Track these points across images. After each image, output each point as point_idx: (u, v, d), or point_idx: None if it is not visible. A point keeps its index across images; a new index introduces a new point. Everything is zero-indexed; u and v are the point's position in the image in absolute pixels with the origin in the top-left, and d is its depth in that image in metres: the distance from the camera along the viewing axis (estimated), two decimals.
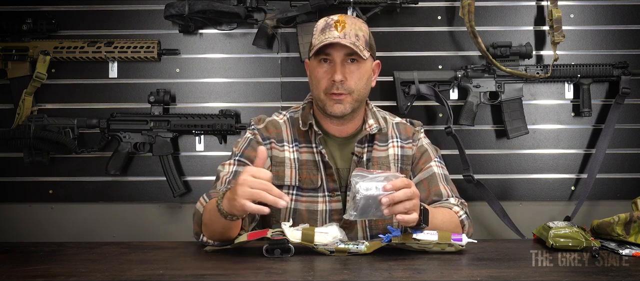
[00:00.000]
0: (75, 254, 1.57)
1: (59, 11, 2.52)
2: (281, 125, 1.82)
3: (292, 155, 1.78)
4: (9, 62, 2.48)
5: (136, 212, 2.55)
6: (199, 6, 2.41)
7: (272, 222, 1.76)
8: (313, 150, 1.78)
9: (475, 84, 2.48)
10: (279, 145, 1.79)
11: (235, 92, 2.55)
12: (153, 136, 2.48)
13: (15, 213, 2.54)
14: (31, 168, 2.50)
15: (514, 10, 2.55)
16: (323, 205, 1.76)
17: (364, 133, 1.79)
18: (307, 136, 1.79)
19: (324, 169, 1.76)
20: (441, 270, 1.36)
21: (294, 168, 1.77)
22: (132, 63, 2.53)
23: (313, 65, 1.75)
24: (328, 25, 1.71)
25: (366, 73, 1.75)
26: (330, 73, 1.71)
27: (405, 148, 1.84)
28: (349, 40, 1.69)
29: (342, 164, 1.79)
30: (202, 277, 1.29)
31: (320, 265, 1.40)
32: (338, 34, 1.69)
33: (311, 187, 1.76)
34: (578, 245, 1.54)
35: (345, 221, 1.73)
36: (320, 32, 1.72)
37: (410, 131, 1.87)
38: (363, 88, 1.75)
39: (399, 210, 1.46)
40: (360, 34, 1.72)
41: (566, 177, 2.55)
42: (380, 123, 1.82)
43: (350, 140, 1.80)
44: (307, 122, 1.78)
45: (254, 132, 1.81)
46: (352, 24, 1.72)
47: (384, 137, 1.83)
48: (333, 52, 1.71)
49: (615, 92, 2.49)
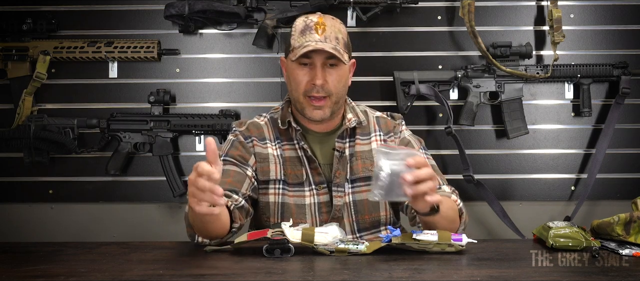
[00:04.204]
0: (75, 254, 1.56)
1: (59, 11, 2.52)
2: (263, 126, 1.83)
3: (276, 152, 1.79)
4: (9, 62, 2.48)
5: (136, 212, 2.55)
6: (199, 6, 2.41)
7: (263, 219, 1.78)
8: (295, 146, 1.79)
9: (475, 84, 2.48)
10: (261, 142, 1.80)
11: (235, 92, 2.55)
12: (153, 136, 2.48)
13: (15, 213, 2.54)
14: (31, 168, 2.50)
15: (514, 10, 2.55)
16: (310, 198, 1.76)
17: (343, 128, 1.79)
18: (288, 133, 1.80)
19: (308, 163, 1.77)
20: (441, 270, 1.36)
21: (279, 163, 1.78)
22: (132, 63, 2.53)
23: (292, 67, 1.75)
24: (308, 27, 1.70)
25: (344, 76, 1.76)
26: (310, 76, 1.71)
27: (388, 142, 1.84)
28: (330, 44, 1.68)
29: (323, 159, 1.80)
30: (202, 277, 1.29)
31: (320, 265, 1.40)
32: (319, 37, 1.68)
33: (297, 182, 1.77)
34: (578, 245, 1.54)
35: (333, 218, 1.74)
36: (299, 34, 1.71)
37: (391, 124, 1.87)
38: (341, 90, 1.76)
39: (422, 190, 1.43)
40: (339, 36, 1.72)
41: (566, 177, 2.55)
42: (359, 117, 1.82)
43: (331, 135, 1.81)
44: (286, 120, 1.79)
45: (236, 134, 1.82)
46: (331, 27, 1.72)
47: (366, 131, 1.83)
48: (314, 56, 1.71)
49: (615, 92, 2.49)
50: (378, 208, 1.78)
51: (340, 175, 1.77)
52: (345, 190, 1.77)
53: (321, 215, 1.76)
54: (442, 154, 2.52)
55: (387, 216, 1.80)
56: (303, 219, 1.74)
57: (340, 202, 1.76)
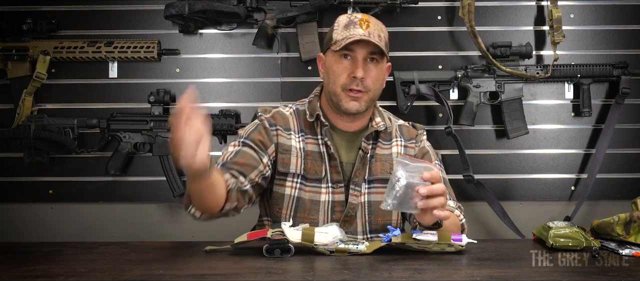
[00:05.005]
0: (75, 254, 1.56)
1: (59, 11, 2.52)
2: (288, 116, 1.83)
3: (299, 145, 1.79)
4: (9, 62, 2.48)
5: (136, 212, 2.55)
6: (199, 6, 2.41)
7: (275, 210, 1.77)
8: (318, 142, 1.79)
9: (475, 84, 2.48)
10: (286, 132, 1.80)
11: (235, 92, 2.55)
12: (153, 136, 2.48)
13: (15, 213, 2.54)
14: (31, 168, 2.49)
15: (514, 10, 2.55)
16: (326, 196, 1.77)
17: (371, 129, 1.80)
18: (313, 127, 1.80)
19: (329, 160, 1.77)
20: (441, 270, 1.36)
21: (300, 157, 1.78)
22: (132, 63, 2.53)
23: (332, 60, 1.76)
24: (352, 22, 1.73)
25: (383, 74, 1.79)
26: (351, 69, 1.72)
27: (408, 148, 1.85)
28: (374, 39, 1.71)
29: (346, 158, 1.80)
30: (202, 277, 1.29)
31: (320, 265, 1.40)
32: (363, 32, 1.70)
33: (315, 178, 1.77)
34: (578, 245, 1.54)
35: (346, 216, 1.75)
36: (343, 28, 1.73)
37: (413, 133, 1.90)
38: (378, 89, 1.78)
39: (433, 205, 1.45)
40: (382, 35, 1.74)
41: (566, 177, 2.55)
42: (386, 122, 1.84)
43: (357, 135, 1.81)
44: (314, 113, 1.79)
45: (261, 119, 1.82)
46: (375, 24, 1.74)
47: (388, 136, 1.85)
48: (357, 49, 1.72)
49: (615, 92, 2.49)
50: (391, 212, 1.79)
51: (359, 175, 1.78)
52: (362, 189, 1.77)
53: (334, 213, 1.76)
54: (442, 154, 2.51)
55: (397, 221, 1.82)
56: (315, 216, 1.74)
57: (356, 200, 1.76)
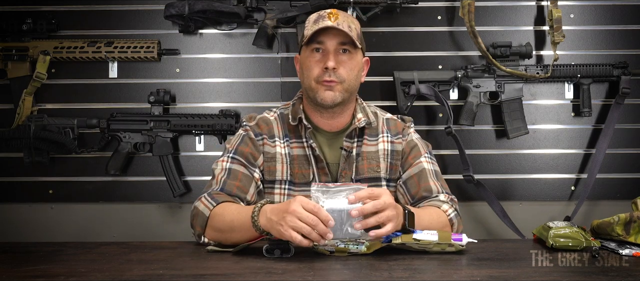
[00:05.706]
0: (75, 254, 1.56)
1: (59, 11, 2.52)
2: (272, 122, 1.83)
3: (284, 150, 1.79)
4: (9, 62, 2.48)
5: (136, 212, 2.55)
6: (199, 6, 2.41)
7: None
8: (303, 145, 1.79)
9: (475, 84, 2.48)
10: (270, 140, 1.80)
11: (235, 92, 2.55)
12: (153, 136, 2.48)
13: (15, 213, 2.53)
14: (31, 168, 2.49)
15: (514, 10, 2.55)
16: None
17: (352, 127, 1.80)
18: (297, 131, 1.81)
19: (315, 163, 1.78)
20: (441, 270, 1.36)
21: (286, 163, 1.78)
22: (132, 63, 2.53)
23: (304, 56, 1.77)
24: (321, 16, 1.74)
25: (357, 65, 1.77)
26: (323, 61, 1.73)
27: (395, 144, 1.84)
28: (343, 28, 1.71)
29: (331, 159, 1.80)
30: (202, 277, 1.29)
31: (320, 265, 1.40)
32: (332, 23, 1.71)
33: (303, 181, 1.77)
34: (578, 245, 1.54)
35: None
36: (313, 23, 1.74)
37: (400, 126, 1.88)
38: (354, 80, 1.77)
39: (371, 223, 1.43)
40: (352, 26, 1.74)
41: (566, 177, 2.55)
42: (369, 118, 1.83)
43: (340, 134, 1.81)
44: (297, 116, 1.79)
45: (246, 129, 1.82)
46: (344, 16, 1.75)
47: (374, 132, 1.84)
48: (326, 40, 1.72)
49: (615, 92, 2.49)
50: None
51: (345, 175, 1.78)
52: None
53: None
54: (442, 154, 2.52)
55: None
56: None
57: None
